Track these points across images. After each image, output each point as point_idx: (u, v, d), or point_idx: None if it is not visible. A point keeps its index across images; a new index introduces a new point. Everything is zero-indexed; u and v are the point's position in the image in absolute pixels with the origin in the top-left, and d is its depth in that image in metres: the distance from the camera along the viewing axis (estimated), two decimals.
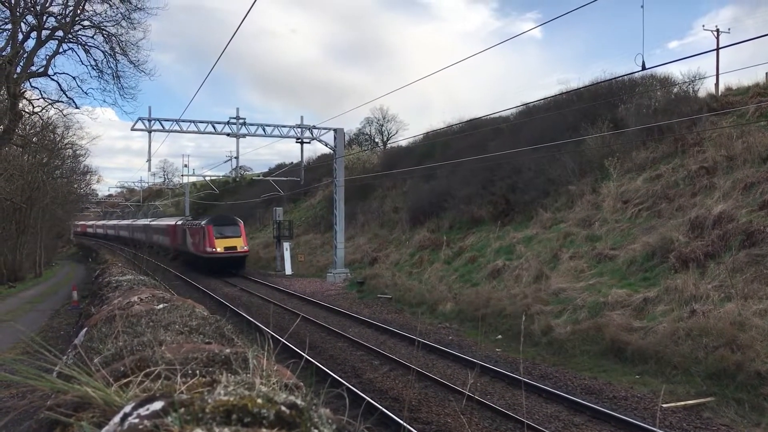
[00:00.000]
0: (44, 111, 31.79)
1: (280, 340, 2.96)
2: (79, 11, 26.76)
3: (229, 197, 76.03)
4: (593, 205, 26.41)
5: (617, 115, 32.93)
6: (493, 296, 21.30)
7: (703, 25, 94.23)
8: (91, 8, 27.24)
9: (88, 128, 67.76)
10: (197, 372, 2.02)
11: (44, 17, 26.45)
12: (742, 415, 10.96)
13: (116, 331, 3.45)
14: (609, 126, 30.88)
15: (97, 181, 74.33)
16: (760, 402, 11.05)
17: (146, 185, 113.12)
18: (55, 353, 2.26)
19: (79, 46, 28.26)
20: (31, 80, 28.07)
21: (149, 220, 70.18)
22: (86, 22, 27.52)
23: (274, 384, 1.96)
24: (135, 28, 27.93)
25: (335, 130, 35.97)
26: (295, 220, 53.34)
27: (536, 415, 11.46)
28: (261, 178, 61.41)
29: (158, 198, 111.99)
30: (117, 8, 27.01)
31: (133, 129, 32.53)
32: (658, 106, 32.09)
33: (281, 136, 36.41)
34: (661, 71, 35.55)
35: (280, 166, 73.27)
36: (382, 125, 77.55)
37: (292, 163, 57.86)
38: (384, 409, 10.96)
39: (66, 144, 43.42)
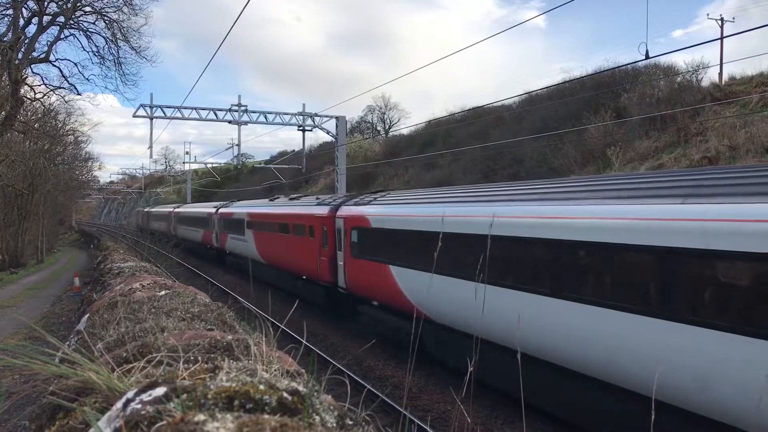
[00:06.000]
0: (46, 97, 31.74)
1: (280, 327, 2.97)
2: None
3: (230, 185, 76.03)
4: None
5: (620, 104, 32.82)
6: None
7: (708, 14, 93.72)
8: None
9: (90, 115, 68.08)
10: (199, 358, 2.03)
11: (45, 3, 26.35)
12: None
13: (118, 318, 3.47)
14: (612, 115, 30.78)
15: (99, 168, 74.16)
16: None
17: (148, 172, 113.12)
18: (57, 339, 2.27)
19: (81, 32, 28.18)
20: (32, 66, 28.00)
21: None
22: (87, 8, 27.43)
23: (275, 370, 1.97)
24: (137, 14, 27.84)
25: (337, 118, 35.84)
26: None
27: None
28: (263, 165, 61.34)
29: (160, 185, 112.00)
30: None
31: (134, 116, 32.52)
32: (661, 96, 31.97)
33: (283, 124, 36.34)
34: (664, 60, 35.41)
35: (282, 154, 73.20)
36: (384, 113, 77.42)
37: (293, 150, 57.92)
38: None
39: (67, 130, 43.33)
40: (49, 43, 27.73)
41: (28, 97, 30.14)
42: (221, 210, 35.07)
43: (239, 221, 30.31)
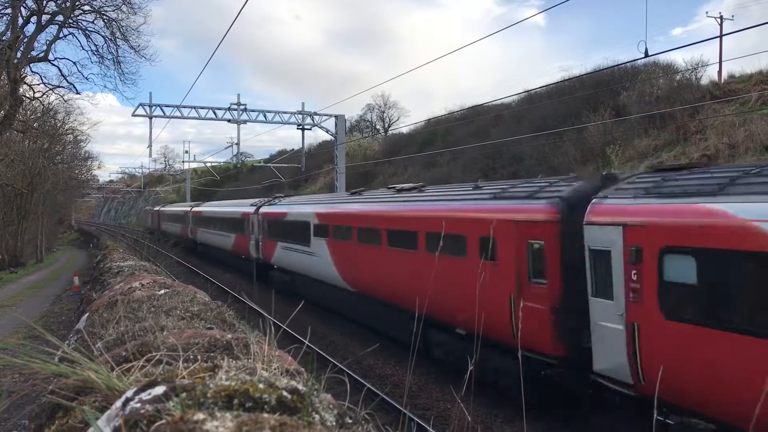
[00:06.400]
0: (45, 96, 31.74)
1: (282, 327, 2.97)
2: None
3: (230, 184, 76.04)
4: None
5: (619, 103, 32.84)
6: None
7: (707, 12, 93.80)
8: None
9: (89, 114, 67.71)
10: (199, 357, 2.03)
11: (44, 2, 26.32)
12: None
13: (118, 317, 3.47)
14: (611, 113, 30.80)
15: (98, 167, 74.17)
16: None
17: (147, 171, 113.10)
18: (57, 339, 2.27)
19: (80, 31, 28.15)
20: (31, 65, 28.00)
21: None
22: (86, 7, 27.37)
23: (275, 369, 1.97)
24: (135, 13, 27.77)
25: (336, 117, 35.82)
26: None
27: None
28: (262, 164, 61.32)
29: (159, 184, 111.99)
30: None
31: (134, 115, 32.51)
32: (660, 94, 31.98)
33: (282, 123, 36.32)
34: (663, 58, 35.38)
35: (281, 153, 73.14)
36: (384, 112, 77.41)
37: (293, 149, 57.95)
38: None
39: (67, 129, 43.37)
40: (47, 42, 27.70)
41: (27, 96, 30.13)
42: (264, 209, 26.63)
43: (300, 225, 21.18)
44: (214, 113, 34.45)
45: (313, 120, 36.31)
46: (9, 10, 25.30)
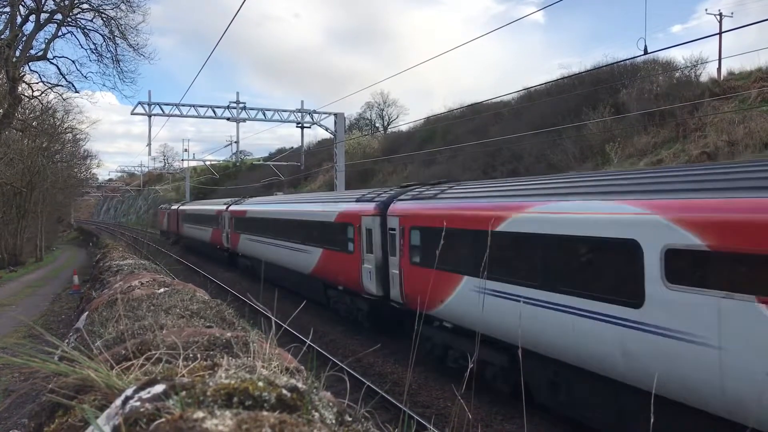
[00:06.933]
0: (44, 95, 31.72)
1: (283, 326, 2.97)
2: None
3: (229, 182, 76.00)
4: None
5: (619, 100, 32.82)
6: None
7: (706, 9, 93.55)
8: None
9: (88, 112, 67.51)
10: (198, 356, 2.03)
11: (43, 0, 26.29)
12: None
13: (117, 315, 3.46)
14: (610, 111, 30.79)
15: (98, 166, 74.12)
16: None
17: (146, 170, 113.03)
18: (56, 337, 2.27)
19: (78, 30, 28.14)
20: (30, 64, 27.99)
21: None
22: (85, 5, 27.34)
23: (275, 367, 1.97)
24: (134, 12, 27.76)
25: (336, 115, 35.79)
26: None
27: None
28: (261, 162, 61.24)
29: (159, 182, 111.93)
30: None
31: (133, 113, 32.44)
32: (659, 91, 31.96)
33: (281, 121, 36.28)
34: (663, 56, 35.46)
35: (280, 151, 73.16)
36: (383, 110, 77.37)
37: (292, 147, 57.85)
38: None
39: (66, 128, 43.38)
40: (46, 41, 27.67)
41: (26, 95, 30.10)
42: (409, 205, 13.98)
43: (608, 249, 7.88)
44: (213, 111, 34.43)
45: (312, 118, 36.30)
46: (8, 9, 25.28)
